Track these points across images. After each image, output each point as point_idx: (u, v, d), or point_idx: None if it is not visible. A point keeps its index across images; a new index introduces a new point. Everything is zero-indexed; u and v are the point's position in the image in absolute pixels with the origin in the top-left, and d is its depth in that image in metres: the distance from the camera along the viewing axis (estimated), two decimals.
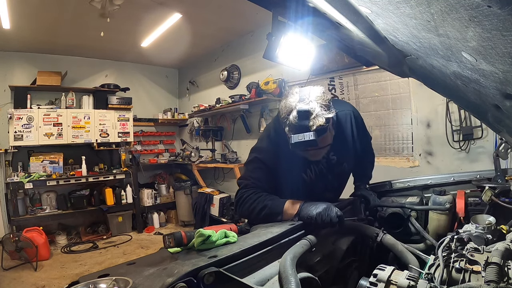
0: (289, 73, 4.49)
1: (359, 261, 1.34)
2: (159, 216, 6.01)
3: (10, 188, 4.73)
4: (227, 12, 4.34)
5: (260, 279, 0.92)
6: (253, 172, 1.53)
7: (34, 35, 4.67)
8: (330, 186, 1.61)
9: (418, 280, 0.80)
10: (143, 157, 6.47)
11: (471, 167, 2.84)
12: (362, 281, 0.84)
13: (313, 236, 1.13)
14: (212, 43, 5.60)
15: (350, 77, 3.93)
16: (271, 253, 1.03)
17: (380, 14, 0.73)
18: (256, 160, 1.51)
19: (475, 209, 1.48)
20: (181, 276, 0.77)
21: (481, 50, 0.59)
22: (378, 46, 1.03)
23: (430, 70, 0.99)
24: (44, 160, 5.22)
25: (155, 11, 4.07)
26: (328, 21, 1.06)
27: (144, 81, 6.74)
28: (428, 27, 0.62)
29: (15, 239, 4.01)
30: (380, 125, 3.70)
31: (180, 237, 1.03)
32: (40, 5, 3.75)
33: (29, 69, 5.35)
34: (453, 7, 0.48)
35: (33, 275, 3.80)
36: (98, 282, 0.78)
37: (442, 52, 0.74)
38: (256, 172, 1.51)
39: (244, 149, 5.34)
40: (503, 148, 1.58)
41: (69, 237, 5.18)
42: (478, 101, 1.00)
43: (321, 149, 1.35)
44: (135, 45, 5.36)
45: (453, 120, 2.97)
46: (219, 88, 5.82)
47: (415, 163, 3.31)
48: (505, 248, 0.84)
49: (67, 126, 5.33)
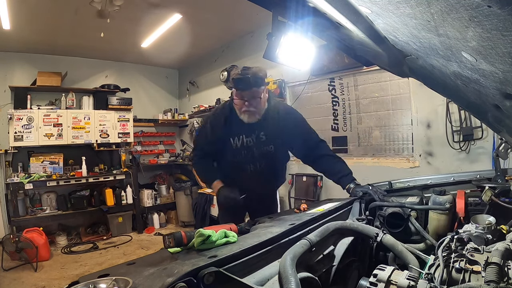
0: (289, 74, 4.49)
1: (359, 261, 1.34)
2: (159, 216, 6.01)
3: (10, 189, 4.72)
4: (227, 13, 4.34)
5: (260, 279, 0.92)
6: (199, 142, 2.17)
7: (34, 35, 4.67)
8: (257, 163, 1.89)
9: (418, 280, 0.80)
10: (143, 158, 6.47)
11: (471, 167, 2.84)
12: (362, 281, 0.84)
13: (313, 236, 1.12)
14: (212, 43, 5.60)
15: (350, 78, 3.93)
16: (271, 253, 1.03)
17: (380, 14, 0.73)
18: (201, 133, 2.14)
19: (475, 209, 1.48)
20: (181, 276, 0.77)
21: (481, 50, 0.59)
22: (378, 46, 1.03)
23: (430, 70, 1.00)
24: (44, 160, 5.22)
25: (155, 11, 4.08)
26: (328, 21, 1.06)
27: (144, 82, 6.74)
28: (428, 27, 0.62)
29: (15, 239, 4.01)
30: (380, 125, 3.70)
31: (180, 237, 1.03)
32: (40, 6, 3.75)
33: (29, 69, 5.35)
34: (453, 7, 0.48)
35: (33, 275, 3.80)
36: (98, 282, 0.78)
37: (442, 52, 0.74)
38: (201, 141, 2.11)
39: None
40: (503, 148, 1.58)
41: (69, 238, 5.18)
42: (478, 101, 1.00)
43: (255, 99, 1.75)
44: (135, 46, 5.37)
45: (453, 121, 2.97)
46: (219, 89, 5.82)
47: (415, 164, 3.31)
48: (505, 248, 0.84)
49: (67, 126, 5.33)
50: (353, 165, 3.84)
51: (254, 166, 1.90)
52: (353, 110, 3.95)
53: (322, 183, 4.09)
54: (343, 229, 1.27)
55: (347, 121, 4.02)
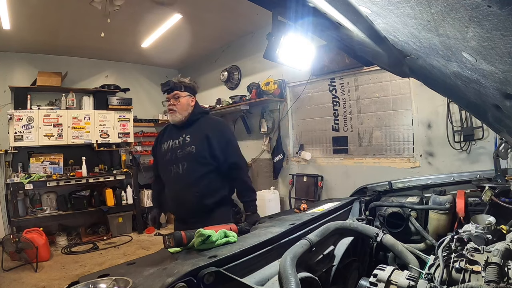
0: (290, 74, 4.49)
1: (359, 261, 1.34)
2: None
3: (10, 189, 4.72)
4: (227, 13, 4.34)
5: (260, 279, 0.92)
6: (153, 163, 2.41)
7: (34, 35, 4.67)
8: (179, 164, 1.96)
9: (418, 280, 0.80)
10: (144, 158, 6.46)
11: (472, 168, 2.84)
12: (362, 281, 0.84)
13: (313, 236, 1.12)
14: (212, 43, 5.60)
15: (351, 78, 3.93)
16: (271, 253, 1.03)
17: (380, 14, 0.73)
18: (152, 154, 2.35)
19: (475, 209, 1.48)
20: (181, 276, 0.77)
21: (481, 50, 0.59)
22: (378, 46, 1.03)
23: (430, 70, 1.00)
24: (44, 160, 5.22)
25: (156, 11, 4.08)
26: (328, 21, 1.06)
27: (144, 82, 6.74)
28: (428, 27, 0.62)
29: (15, 240, 4.01)
30: (381, 125, 3.70)
31: (180, 237, 1.03)
32: (40, 6, 3.75)
33: (29, 69, 5.35)
34: (453, 7, 0.48)
35: (33, 276, 3.80)
36: (98, 282, 0.78)
37: (442, 52, 0.74)
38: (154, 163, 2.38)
39: (244, 150, 5.28)
40: (503, 148, 1.58)
41: (69, 238, 5.18)
42: (478, 101, 1.00)
43: (176, 99, 2.00)
44: (135, 46, 5.37)
45: (454, 121, 2.97)
46: (220, 89, 5.82)
47: (416, 164, 3.31)
48: (505, 248, 0.84)
49: (67, 126, 5.33)
50: (353, 166, 3.92)
51: (177, 168, 1.97)
52: (353, 110, 3.95)
53: (322, 183, 4.09)
54: (343, 229, 1.27)
55: (347, 121, 4.02)
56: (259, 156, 5.06)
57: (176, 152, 1.99)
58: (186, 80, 2.08)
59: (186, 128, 2.04)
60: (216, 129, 2.03)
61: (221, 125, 2.11)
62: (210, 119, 2.13)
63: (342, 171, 3.97)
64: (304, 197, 4.25)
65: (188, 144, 1.97)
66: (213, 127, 2.03)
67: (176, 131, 2.08)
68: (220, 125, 2.10)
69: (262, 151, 4.99)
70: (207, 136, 1.96)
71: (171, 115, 2.03)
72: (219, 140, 1.97)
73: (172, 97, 2.02)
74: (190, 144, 1.96)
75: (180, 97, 2.01)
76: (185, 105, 2.02)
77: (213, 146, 1.94)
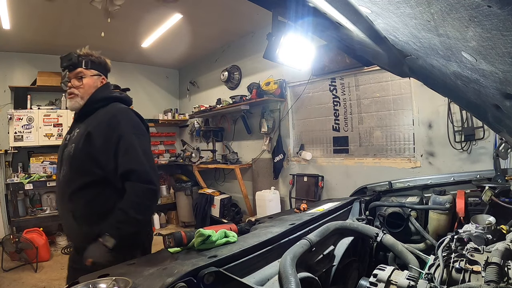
0: (290, 74, 4.49)
1: (359, 261, 1.34)
2: (159, 217, 6.01)
3: (10, 189, 4.72)
4: (228, 13, 4.34)
5: (260, 279, 0.92)
6: None
7: (34, 35, 4.67)
8: (61, 167, 1.49)
9: (418, 280, 0.80)
10: None
11: (473, 168, 2.84)
12: (362, 281, 0.84)
13: (313, 236, 1.12)
14: (212, 43, 5.60)
15: (351, 78, 3.93)
16: (271, 253, 1.03)
17: (380, 14, 0.73)
18: None
19: (475, 209, 1.48)
20: (181, 276, 0.77)
21: (481, 50, 0.59)
22: (378, 46, 1.03)
23: (430, 70, 0.99)
24: (44, 161, 5.22)
25: (156, 11, 4.08)
26: (328, 21, 1.06)
27: (144, 82, 6.74)
28: (428, 27, 0.62)
29: (15, 240, 4.01)
30: (382, 125, 3.70)
31: (180, 237, 1.03)
32: (40, 6, 3.75)
33: (29, 69, 5.35)
34: (453, 7, 0.48)
35: (33, 276, 3.80)
36: (98, 282, 0.78)
37: (442, 52, 0.74)
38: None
39: (245, 150, 5.34)
40: (503, 148, 1.58)
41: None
42: (478, 101, 1.00)
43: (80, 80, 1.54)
44: (135, 46, 5.37)
45: (455, 121, 2.97)
46: (220, 89, 5.82)
47: (417, 164, 3.30)
48: (505, 248, 0.84)
49: (68, 126, 5.31)
50: (354, 166, 3.92)
51: (60, 173, 1.49)
52: (354, 110, 3.94)
53: (323, 183, 4.09)
54: (343, 229, 1.27)
55: (348, 121, 4.02)
56: (260, 156, 5.06)
57: (63, 151, 1.52)
58: (95, 54, 1.60)
59: (82, 120, 1.54)
60: (104, 123, 1.45)
61: (116, 117, 1.48)
62: (112, 108, 1.55)
63: (343, 171, 3.97)
64: (304, 197, 4.25)
65: (72, 141, 1.48)
66: (102, 120, 1.46)
67: (74, 122, 1.61)
68: (114, 117, 1.48)
69: (262, 151, 4.99)
70: (88, 133, 1.42)
71: (70, 101, 1.53)
72: (107, 138, 1.41)
73: (74, 77, 1.53)
74: (71, 143, 1.47)
75: (85, 77, 1.54)
76: (92, 88, 1.55)
77: (94, 146, 1.40)
